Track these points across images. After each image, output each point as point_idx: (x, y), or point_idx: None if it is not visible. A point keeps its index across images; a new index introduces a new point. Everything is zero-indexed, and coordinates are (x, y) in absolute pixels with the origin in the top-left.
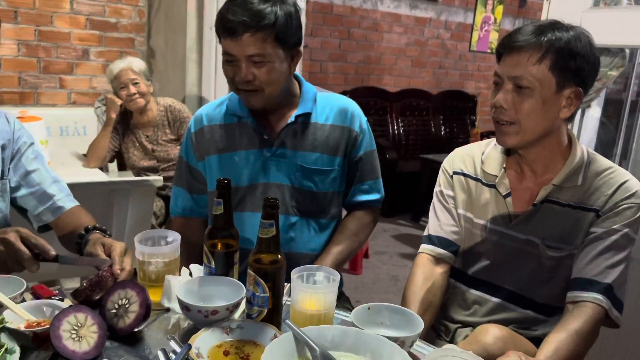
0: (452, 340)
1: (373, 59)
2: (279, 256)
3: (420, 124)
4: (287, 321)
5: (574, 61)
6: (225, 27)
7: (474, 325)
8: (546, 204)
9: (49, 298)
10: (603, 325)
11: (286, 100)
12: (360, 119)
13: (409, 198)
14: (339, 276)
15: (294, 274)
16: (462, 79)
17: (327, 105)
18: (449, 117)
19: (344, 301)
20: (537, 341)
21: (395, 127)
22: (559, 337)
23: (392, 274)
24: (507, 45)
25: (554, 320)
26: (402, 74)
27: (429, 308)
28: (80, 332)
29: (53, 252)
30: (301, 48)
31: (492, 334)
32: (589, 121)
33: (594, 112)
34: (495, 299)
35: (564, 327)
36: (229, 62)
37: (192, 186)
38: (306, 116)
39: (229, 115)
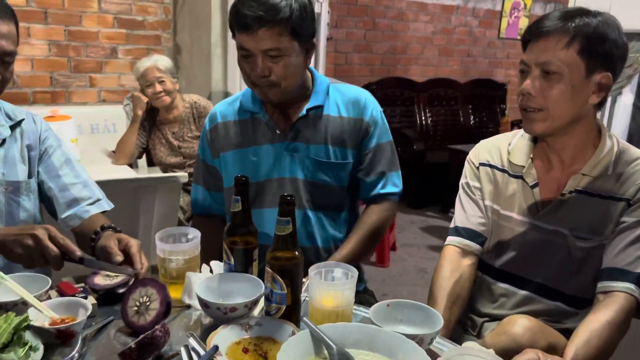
0: (478, 335)
1: (399, 49)
2: (297, 253)
3: (448, 114)
4: (304, 318)
5: (602, 46)
6: (241, 22)
7: (500, 319)
8: (575, 194)
9: (74, 295)
10: (635, 317)
11: (299, 94)
12: (372, 109)
13: (437, 189)
14: (357, 272)
15: (312, 270)
16: (491, 66)
17: (340, 97)
18: (478, 106)
19: (368, 296)
20: (567, 333)
21: (423, 118)
22: (590, 328)
23: (420, 267)
24: (534, 32)
25: (584, 313)
26: (429, 63)
27: (457, 301)
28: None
29: (79, 253)
30: (314, 40)
31: (520, 324)
32: (621, 108)
33: (626, 99)
34: (522, 292)
35: (596, 318)
36: (245, 57)
37: (210, 184)
38: (318, 109)
39: (243, 111)
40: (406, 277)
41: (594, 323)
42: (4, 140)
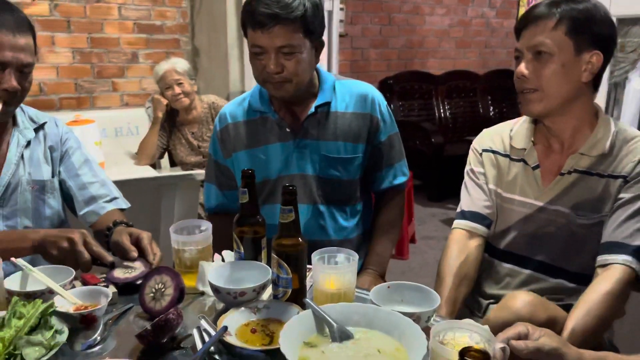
0: (484, 317)
1: (415, 43)
2: (300, 239)
3: (467, 106)
4: (306, 299)
5: (589, 26)
6: (256, 20)
7: None
8: (574, 173)
9: (96, 285)
10: (633, 290)
11: (306, 92)
12: (380, 104)
13: (457, 182)
14: (357, 256)
15: (315, 256)
16: (510, 57)
17: (347, 93)
18: (498, 97)
19: None
20: (570, 309)
21: (442, 110)
22: (589, 299)
23: (439, 259)
24: (524, 21)
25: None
26: (446, 56)
27: (463, 281)
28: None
29: (110, 259)
30: (324, 38)
31: (521, 298)
32: (630, 94)
33: (636, 85)
34: (526, 271)
35: (594, 290)
36: (258, 54)
37: (222, 183)
38: (326, 105)
39: (252, 111)
40: (426, 269)
41: (593, 294)
42: (29, 142)
